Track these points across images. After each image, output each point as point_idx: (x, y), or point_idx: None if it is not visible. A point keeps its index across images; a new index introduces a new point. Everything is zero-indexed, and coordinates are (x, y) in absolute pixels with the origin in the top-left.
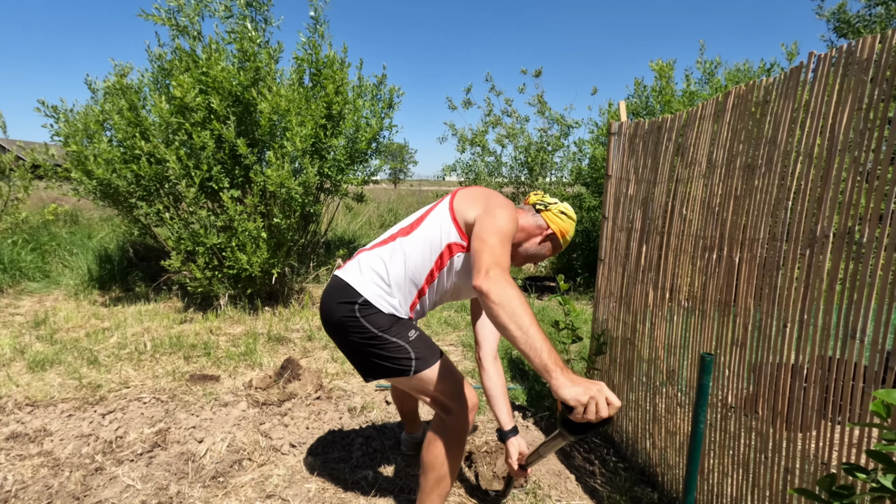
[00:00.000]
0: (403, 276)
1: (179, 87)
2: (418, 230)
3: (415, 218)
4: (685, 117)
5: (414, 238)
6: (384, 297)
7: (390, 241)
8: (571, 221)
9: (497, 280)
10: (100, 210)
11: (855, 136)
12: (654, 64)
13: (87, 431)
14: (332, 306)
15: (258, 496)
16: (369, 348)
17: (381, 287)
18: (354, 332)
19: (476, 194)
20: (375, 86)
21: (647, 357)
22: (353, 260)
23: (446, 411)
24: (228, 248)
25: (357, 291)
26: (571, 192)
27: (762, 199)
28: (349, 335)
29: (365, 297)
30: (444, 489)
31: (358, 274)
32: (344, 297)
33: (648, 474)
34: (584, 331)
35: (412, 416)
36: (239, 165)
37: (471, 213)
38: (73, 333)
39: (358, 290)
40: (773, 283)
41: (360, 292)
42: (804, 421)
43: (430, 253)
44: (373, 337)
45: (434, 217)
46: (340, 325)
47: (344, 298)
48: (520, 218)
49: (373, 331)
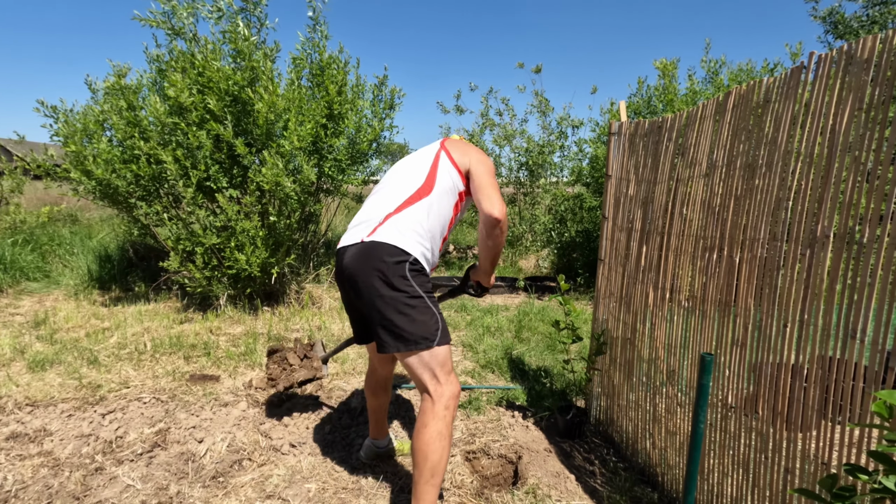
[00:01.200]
0: (438, 229)
1: (173, 87)
2: (437, 185)
3: (422, 173)
4: (685, 117)
5: (438, 193)
6: (426, 256)
7: (416, 199)
8: None
9: (504, 209)
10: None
11: (855, 137)
12: (658, 63)
13: (87, 431)
14: (374, 267)
15: (258, 496)
16: (406, 310)
17: (423, 245)
18: (398, 291)
19: (462, 145)
20: (377, 86)
21: (647, 357)
22: (386, 223)
23: (437, 394)
24: (227, 248)
25: (406, 251)
26: (572, 192)
27: (762, 200)
28: (388, 295)
29: (415, 256)
30: (438, 479)
31: (399, 235)
32: (395, 257)
33: (648, 474)
34: (584, 331)
35: (380, 415)
36: (237, 165)
37: (465, 160)
38: (73, 333)
39: (407, 249)
40: (774, 284)
41: (410, 252)
42: (804, 421)
43: (450, 202)
44: (414, 296)
45: (442, 170)
46: (385, 284)
47: (395, 257)
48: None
49: (418, 291)
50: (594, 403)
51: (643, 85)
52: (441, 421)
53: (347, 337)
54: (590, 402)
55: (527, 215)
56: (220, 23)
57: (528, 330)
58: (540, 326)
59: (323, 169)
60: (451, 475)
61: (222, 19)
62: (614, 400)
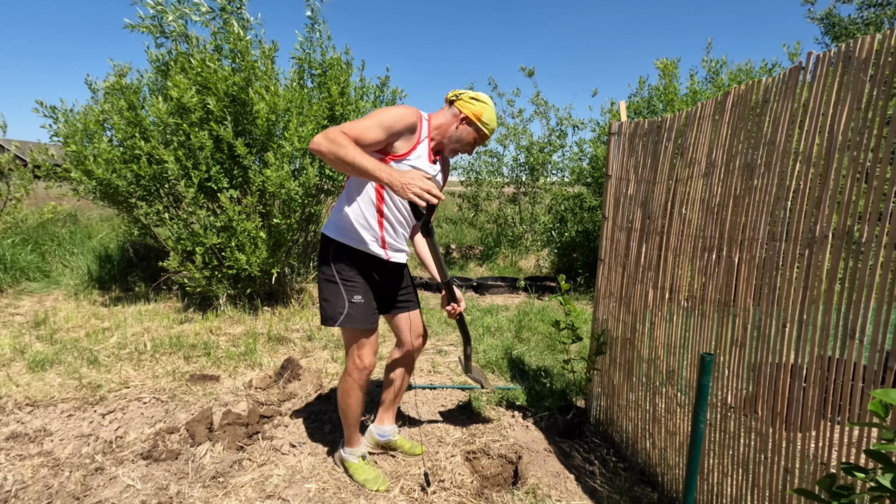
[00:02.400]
0: (359, 209)
1: (176, 87)
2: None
3: None
4: (685, 117)
5: (349, 181)
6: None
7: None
8: (483, 104)
9: (319, 137)
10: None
11: (853, 136)
12: (659, 62)
13: (87, 431)
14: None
15: (258, 496)
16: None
17: (346, 227)
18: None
19: None
20: (378, 87)
21: (646, 357)
22: None
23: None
24: (228, 249)
25: (327, 236)
26: (572, 192)
27: (761, 199)
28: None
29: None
30: (347, 421)
31: (330, 226)
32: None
33: (648, 474)
34: (584, 331)
35: (391, 399)
36: (238, 165)
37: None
38: (73, 333)
39: (328, 234)
40: (773, 283)
41: (329, 236)
42: (803, 421)
43: (365, 181)
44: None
45: None
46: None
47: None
48: (433, 118)
49: (334, 274)
50: (594, 403)
51: (644, 85)
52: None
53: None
54: (590, 402)
55: (527, 215)
56: (209, 25)
57: (528, 330)
58: (540, 326)
59: (324, 169)
60: (451, 475)
61: (212, 20)
62: (614, 400)
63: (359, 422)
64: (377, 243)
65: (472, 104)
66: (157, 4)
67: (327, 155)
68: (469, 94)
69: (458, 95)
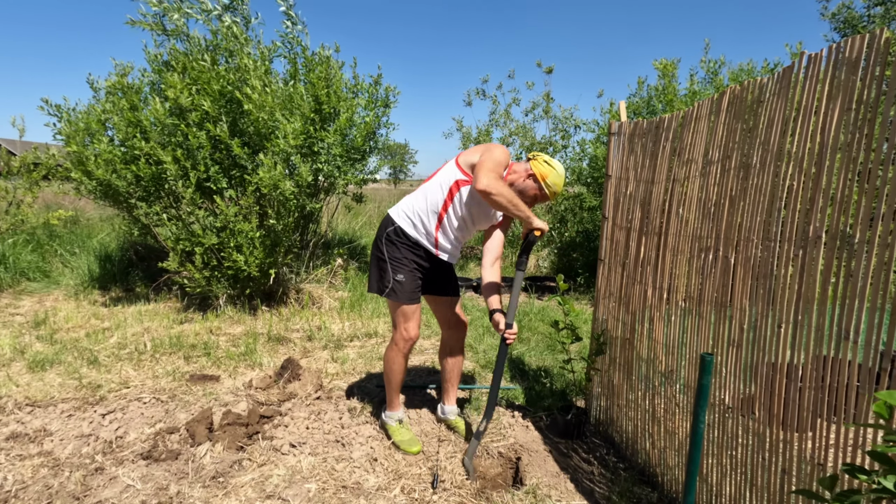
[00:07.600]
0: (425, 207)
1: (172, 88)
2: (434, 177)
3: (431, 173)
4: (682, 117)
5: (431, 182)
6: (414, 227)
7: (418, 188)
8: (552, 168)
9: (490, 180)
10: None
11: (846, 135)
12: (658, 63)
13: (87, 431)
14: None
15: (258, 496)
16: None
17: (409, 217)
18: (374, 251)
19: (476, 147)
20: (372, 85)
21: (646, 357)
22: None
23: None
24: (227, 249)
25: (391, 217)
26: (572, 192)
27: (757, 199)
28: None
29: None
30: (389, 386)
31: (395, 210)
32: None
33: (648, 474)
34: (584, 331)
35: (445, 383)
36: (236, 166)
37: (473, 157)
38: (73, 333)
39: (392, 216)
40: (768, 284)
41: (393, 218)
42: (800, 421)
43: (442, 189)
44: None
45: (445, 167)
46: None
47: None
48: (514, 164)
49: (384, 252)
50: (594, 403)
51: (643, 85)
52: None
53: None
54: (589, 402)
55: None
56: (209, 23)
57: (528, 330)
58: (540, 326)
59: (317, 165)
60: (451, 475)
61: (212, 19)
62: (614, 400)
63: (399, 387)
64: (428, 238)
65: (542, 165)
66: (162, 2)
67: (497, 198)
68: (545, 157)
69: (535, 155)
